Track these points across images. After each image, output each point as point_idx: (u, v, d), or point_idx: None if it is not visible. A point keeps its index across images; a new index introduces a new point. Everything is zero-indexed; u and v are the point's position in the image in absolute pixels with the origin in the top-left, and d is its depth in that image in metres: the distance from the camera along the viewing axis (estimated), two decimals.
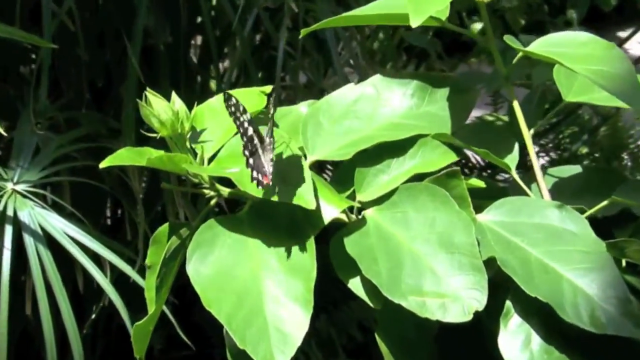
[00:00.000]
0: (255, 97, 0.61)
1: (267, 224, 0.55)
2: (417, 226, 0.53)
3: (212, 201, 0.58)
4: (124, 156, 0.54)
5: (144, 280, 0.57)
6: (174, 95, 0.57)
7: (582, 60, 0.55)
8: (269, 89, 0.62)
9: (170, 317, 0.86)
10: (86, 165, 0.96)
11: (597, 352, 0.52)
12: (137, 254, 0.97)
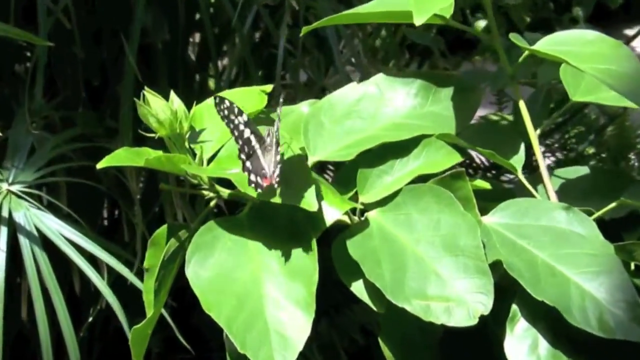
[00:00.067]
0: (255, 96, 0.61)
1: (268, 226, 0.55)
2: (421, 228, 0.53)
3: (212, 202, 0.58)
4: (122, 156, 0.54)
5: (142, 282, 0.57)
6: (173, 94, 0.57)
7: (589, 59, 0.55)
8: (269, 88, 0.62)
9: (168, 320, 0.86)
10: (82, 165, 0.96)
11: (605, 357, 0.52)
12: (135, 256, 0.97)
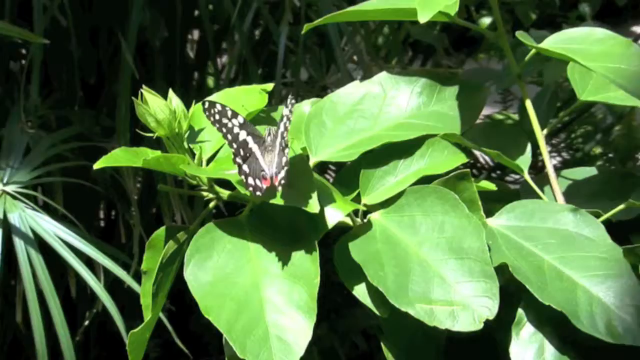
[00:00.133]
0: (255, 95, 0.60)
1: (268, 227, 0.54)
2: (425, 231, 0.53)
3: (211, 204, 0.58)
4: (120, 157, 0.53)
5: (139, 285, 0.57)
6: (171, 93, 0.56)
7: (598, 57, 0.55)
8: (270, 87, 0.61)
9: (166, 324, 0.86)
10: (79, 165, 0.96)
11: None
12: (132, 258, 0.97)
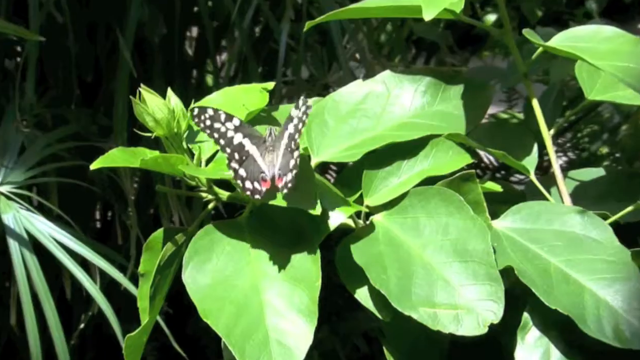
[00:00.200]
0: (256, 94, 0.60)
1: (269, 229, 0.54)
2: (429, 233, 0.53)
3: (210, 205, 0.58)
4: (117, 157, 0.53)
5: (136, 287, 0.57)
6: (170, 91, 0.56)
7: (607, 56, 0.55)
8: (271, 86, 0.61)
9: (164, 327, 0.86)
10: (75, 165, 0.96)
11: None
12: (129, 260, 0.97)
